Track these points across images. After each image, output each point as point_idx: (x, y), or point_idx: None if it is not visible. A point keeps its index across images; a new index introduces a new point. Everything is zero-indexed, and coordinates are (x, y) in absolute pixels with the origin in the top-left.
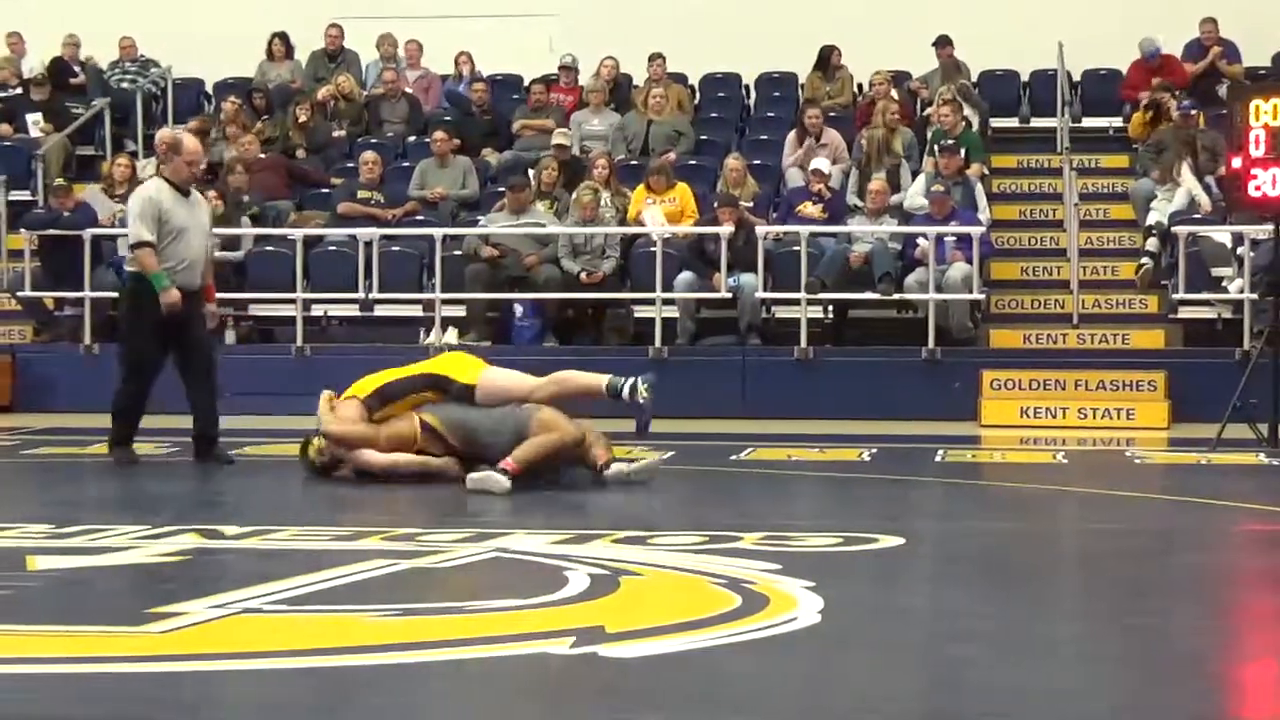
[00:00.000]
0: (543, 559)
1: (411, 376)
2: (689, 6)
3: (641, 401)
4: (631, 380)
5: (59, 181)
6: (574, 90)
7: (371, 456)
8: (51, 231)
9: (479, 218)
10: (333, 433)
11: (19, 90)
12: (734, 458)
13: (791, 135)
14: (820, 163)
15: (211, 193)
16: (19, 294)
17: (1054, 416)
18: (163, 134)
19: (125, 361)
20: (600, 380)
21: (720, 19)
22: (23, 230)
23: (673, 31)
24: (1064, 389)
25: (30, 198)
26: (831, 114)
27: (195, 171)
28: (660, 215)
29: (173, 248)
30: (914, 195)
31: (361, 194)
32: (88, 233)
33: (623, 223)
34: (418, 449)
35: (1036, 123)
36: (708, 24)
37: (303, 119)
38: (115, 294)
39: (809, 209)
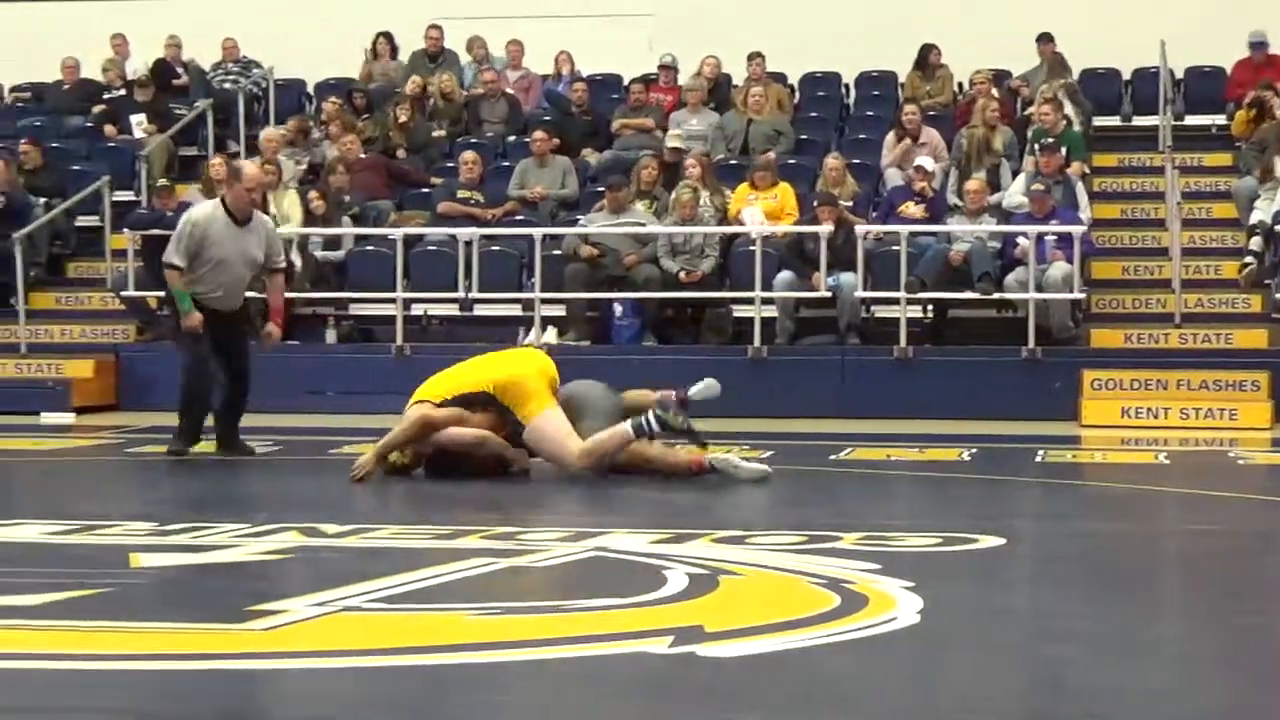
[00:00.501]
0: (642, 558)
1: (477, 392)
2: (788, 5)
3: (676, 426)
4: (653, 414)
5: (162, 182)
6: (673, 90)
7: (459, 432)
8: (154, 231)
9: (578, 217)
10: (428, 417)
11: (123, 91)
12: (833, 457)
13: (890, 135)
14: (925, 160)
15: (313, 193)
16: (123, 294)
17: (1155, 417)
18: (222, 160)
19: (180, 365)
20: (625, 427)
21: (819, 18)
22: (126, 230)
23: (772, 31)
24: (1166, 389)
25: (134, 198)
26: (931, 113)
27: (255, 199)
28: (760, 213)
29: (211, 274)
30: (1014, 194)
31: (461, 194)
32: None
33: (722, 222)
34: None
35: (1138, 121)
36: (807, 23)
37: (403, 119)
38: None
39: (911, 208)
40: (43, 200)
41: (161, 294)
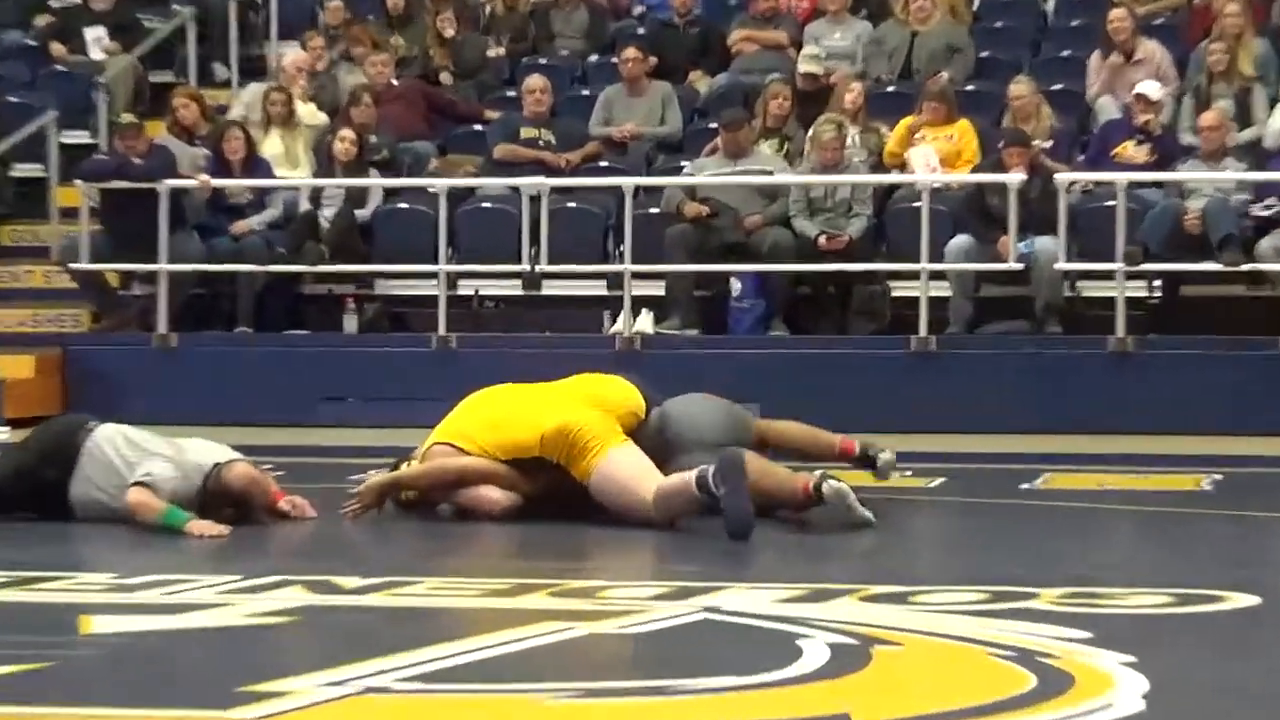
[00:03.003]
0: (768, 622)
1: (524, 456)
2: None
3: (719, 491)
4: (715, 467)
5: (126, 118)
6: None
7: (488, 495)
8: (117, 184)
9: (683, 163)
10: (460, 470)
11: None
12: (1025, 486)
13: (1096, 53)
14: (1148, 86)
15: (345, 131)
16: (73, 266)
17: None
18: (231, 477)
19: None
20: (690, 479)
21: None
22: (78, 183)
23: None
24: None
25: (89, 140)
26: (1155, 22)
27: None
28: (934, 155)
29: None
30: (1275, 131)
31: (525, 133)
32: (164, 185)
33: (877, 169)
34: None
35: None
36: None
37: (448, 33)
38: (204, 266)
39: (1130, 150)
40: None
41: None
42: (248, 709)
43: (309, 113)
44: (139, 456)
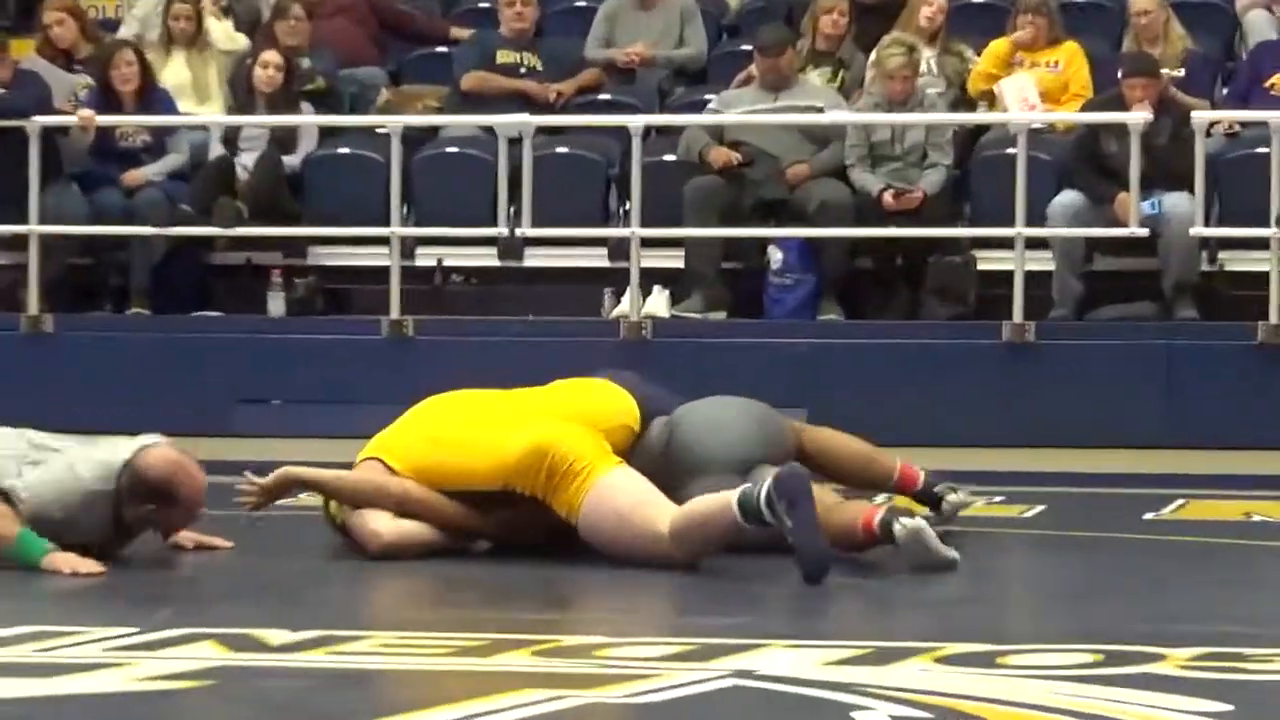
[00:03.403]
0: (815, 690)
1: (486, 490)
2: None
3: (786, 520)
4: (769, 485)
5: None
6: None
7: (419, 532)
8: None
9: (708, 97)
10: (401, 495)
11: None
12: (1150, 516)
13: None
14: None
15: (269, 55)
16: None
17: None
18: (151, 461)
19: None
20: (729, 502)
21: None
22: None
23: None
24: None
25: None
26: None
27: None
28: (1033, 87)
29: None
30: None
31: (503, 57)
32: (35, 124)
33: (958, 105)
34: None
35: None
36: None
37: None
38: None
39: None
40: None
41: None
42: None
43: (223, 32)
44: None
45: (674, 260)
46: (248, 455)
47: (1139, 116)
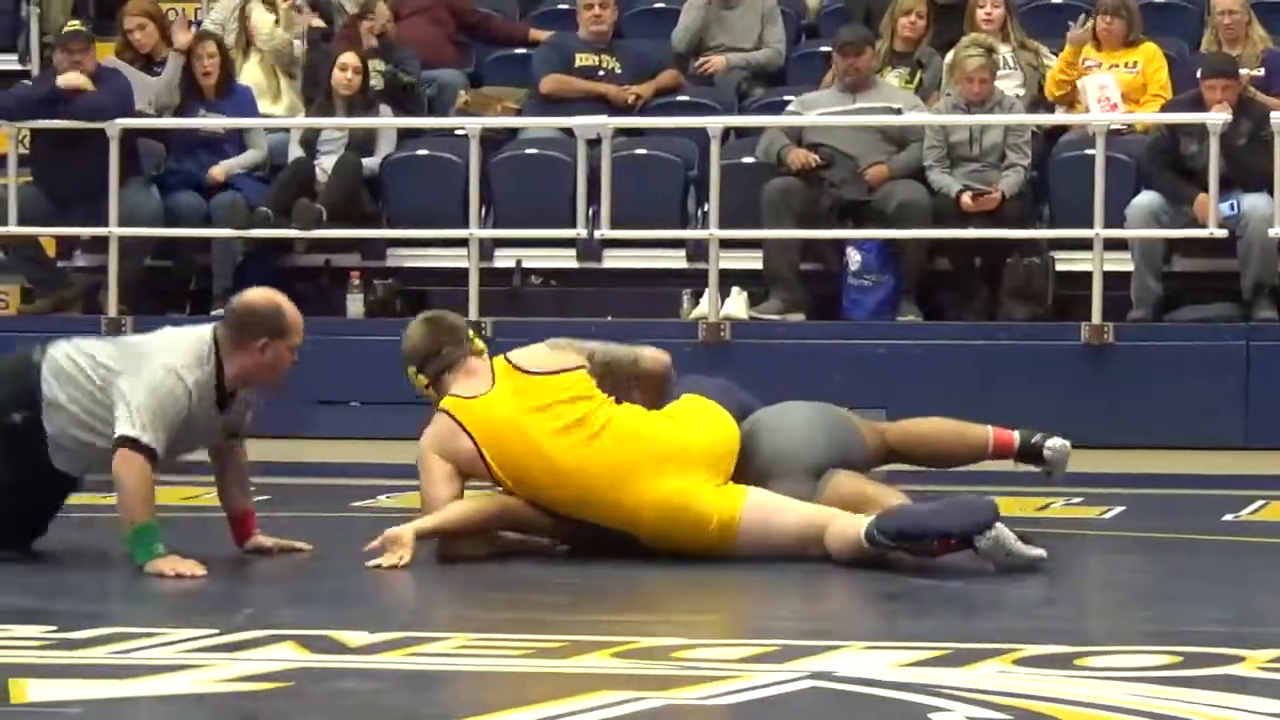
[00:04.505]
0: (893, 691)
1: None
2: None
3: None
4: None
5: (73, 25)
6: None
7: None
8: (52, 124)
9: (787, 98)
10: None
11: None
12: (1230, 517)
13: None
14: None
15: (348, 56)
16: None
17: None
18: (255, 298)
19: None
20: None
21: None
22: (3, 122)
23: None
24: None
25: (18, 66)
26: None
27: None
28: (1114, 86)
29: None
30: None
31: (582, 59)
32: (116, 124)
33: (1036, 106)
34: None
35: None
36: None
37: None
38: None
39: None
40: None
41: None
42: None
43: (265, 24)
44: (110, 377)
45: (752, 262)
46: (327, 457)
47: (1218, 117)
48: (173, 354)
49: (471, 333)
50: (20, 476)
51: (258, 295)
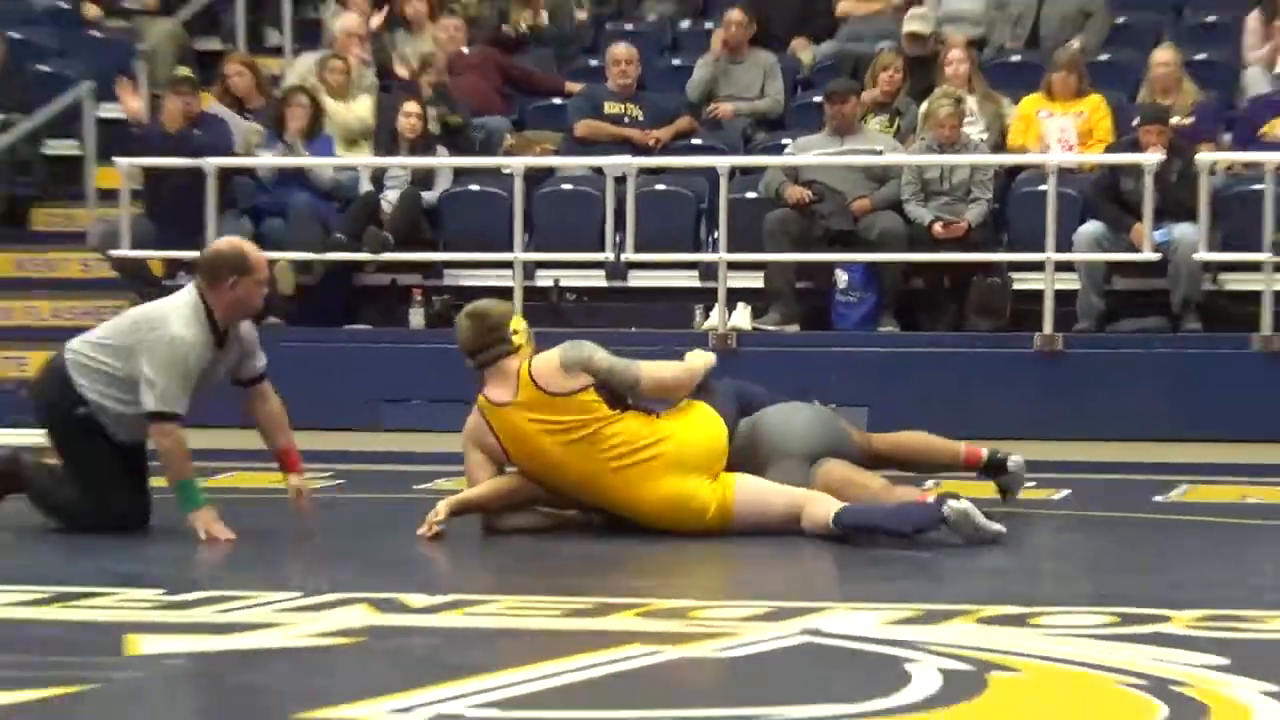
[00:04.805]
0: (874, 646)
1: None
2: None
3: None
4: (948, 506)
5: (182, 71)
6: None
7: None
8: (162, 162)
9: (785, 142)
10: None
11: None
12: (1159, 499)
13: (1254, 16)
14: None
15: (411, 104)
16: (113, 253)
17: None
18: (220, 245)
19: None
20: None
21: None
22: (118, 161)
23: None
24: None
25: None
26: None
27: (258, 305)
28: (1072, 129)
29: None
30: None
31: (610, 107)
32: (210, 163)
33: (999, 148)
34: None
35: None
36: None
37: None
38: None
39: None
40: None
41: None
42: None
43: (363, 74)
44: (124, 355)
45: (755, 281)
46: (393, 447)
47: (1152, 158)
48: (173, 321)
49: (513, 322)
50: (109, 459)
51: (222, 242)
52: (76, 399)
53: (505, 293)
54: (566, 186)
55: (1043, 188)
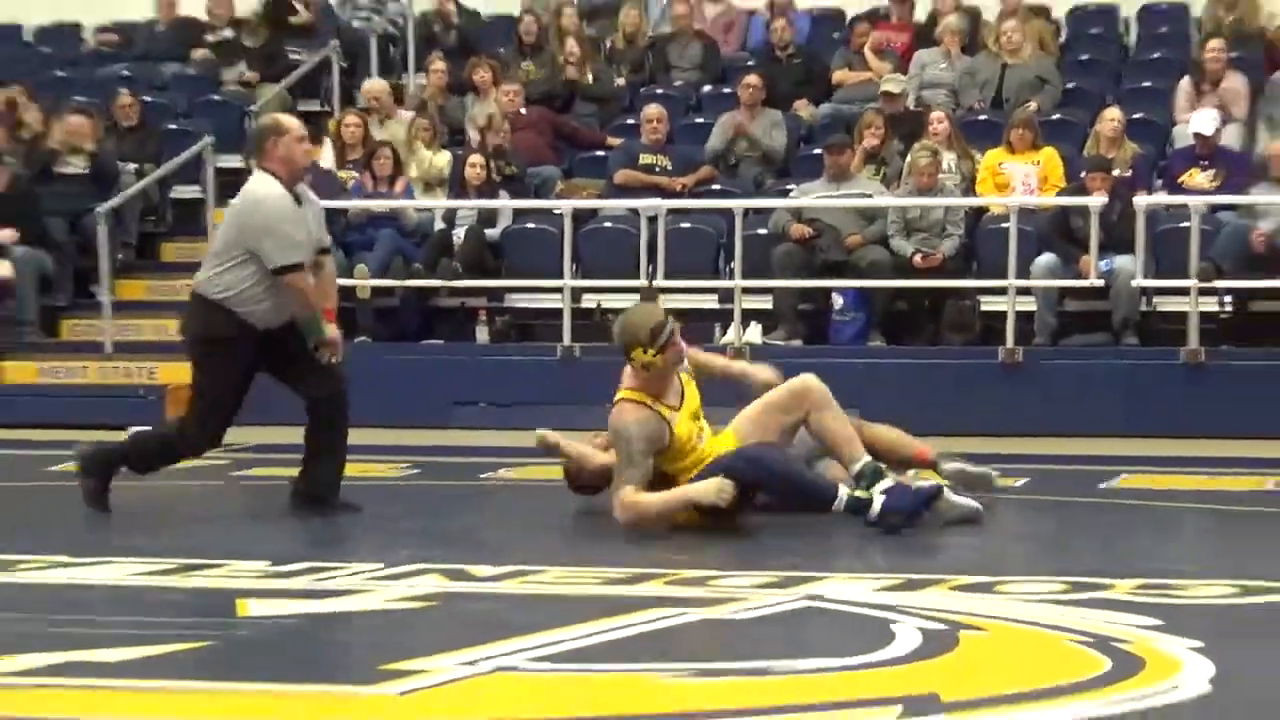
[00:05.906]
0: (864, 609)
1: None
2: None
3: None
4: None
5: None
6: (906, 28)
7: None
8: None
9: (790, 187)
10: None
11: (229, 33)
12: (1103, 485)
13: (1185, 82)
14: (1202, 119)
15: (476, 157)
16: None
17: None
18: (258, 122)
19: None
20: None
21: None
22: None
23: None
24: None
25: (242, 164)
26: (1232, 54)
27: (307, 157)
28: (1034, 175)
29: (266, 279)
30: None
31: (644, 158)
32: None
33: (968, 193)
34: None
35: None
36: None
37: (578, 54)
38: (354, 282)
39: (1196, 177)
40: (133, 166)
41: None
42: (389, 685)
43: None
44: (236, 251)
45: (765, 303)
46: (462, 442)
47: (1097, 201)
48: (253, 192)
49: (643, 346)
50: (240, 379)
51: (261, 118)
52: (218, 311)
53: (556, 313)
54: (608, 224)
55: (1006, 225)
